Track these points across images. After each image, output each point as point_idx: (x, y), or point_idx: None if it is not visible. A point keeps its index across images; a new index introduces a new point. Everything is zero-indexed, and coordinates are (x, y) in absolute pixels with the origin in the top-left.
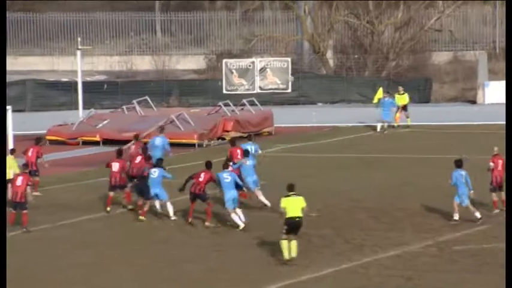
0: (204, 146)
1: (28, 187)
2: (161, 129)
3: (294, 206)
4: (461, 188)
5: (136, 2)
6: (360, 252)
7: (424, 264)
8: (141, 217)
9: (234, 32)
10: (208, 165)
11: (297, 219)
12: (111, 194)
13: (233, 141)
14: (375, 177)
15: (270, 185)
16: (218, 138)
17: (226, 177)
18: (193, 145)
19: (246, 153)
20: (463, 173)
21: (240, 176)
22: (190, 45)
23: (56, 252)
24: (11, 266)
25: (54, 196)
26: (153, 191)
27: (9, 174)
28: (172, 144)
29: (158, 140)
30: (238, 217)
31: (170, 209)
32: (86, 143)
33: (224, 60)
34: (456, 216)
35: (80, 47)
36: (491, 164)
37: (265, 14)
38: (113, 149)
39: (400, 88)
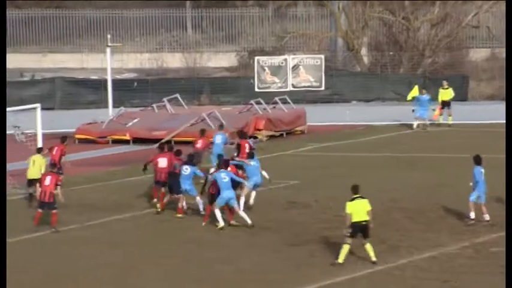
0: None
1: (58, 187)
2: (220, 126)
3: (359, 209)
4: (481, 186)
5: None
6: (395, 253)
7: (460, 266)
8: (178, 215)
9: (266, 29)
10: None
11: (363, 222)
12: (157, 188)
13: (242, 133)
14: (412, 177)
15: (301, 185)
16: (250, 137)
17: (224, 177)
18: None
19: (250, 154)
20: (483, 170)
21: (237, 175)
22: (221, 42)
23: (85, 252)
24: (40, 267)
25: (82, 196)
26: (184, 187)
27: (38, 174)
28: None
29: (218, 138)
30: (221, 216)
31: (200, 205)
32: (116, 142)
33: (256, 58)
34: (472, 215)
35: (109, 44)
36: None
37: (298, 11)
38: (142, 147)
39: (445, 82)
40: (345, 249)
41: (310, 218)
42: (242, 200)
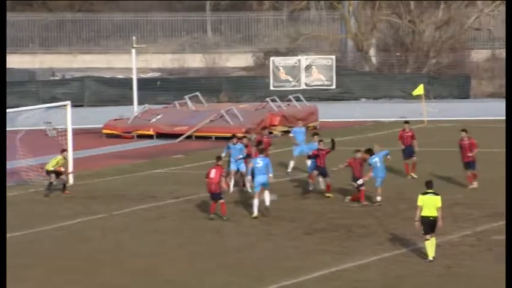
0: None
1: (222, 178)
2: (300, 120)
3: (430, 204)
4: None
5: (189, 2)
6: (401, 242)
7: (462, 253)
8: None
9: (280, 31)
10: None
11: (431, 218)
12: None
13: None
14: (418, 169)
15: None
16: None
17: (259, 162)
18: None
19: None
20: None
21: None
22: (239, 43)
23: (113, 240)
24: (79, 255)
25: (110, 186)
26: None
27: (51, 167)
28: (221, 138)
29: (299, 129)
30: (257, 205)
31: (267, 197)
32: (140, 137)
33: (271, 58)
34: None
35: (135, 46)
36: None
37: (311, 14)
38: (165, 142)
39: None
40: (428, 245)
41: (323, 208)
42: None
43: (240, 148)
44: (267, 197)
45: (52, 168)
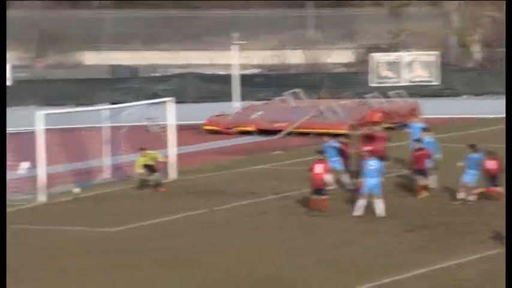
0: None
1: (327, 173)
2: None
3: None
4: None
5: None
6: (503, 240)
7: None
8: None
9: (382, 26)
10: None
11: None
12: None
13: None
14: None
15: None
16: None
17: (372, 164)
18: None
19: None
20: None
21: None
22: (339, 40)
23: (214, 236)
24: (179, 250)
25: (211, 182)
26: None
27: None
28: (321, 134)
29: (417, 125)
30: (362, 206)
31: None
32: (241, 133)
33: (372, 54)
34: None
35: (236, 42)
36: None
37: (412, 10)
38: (265, 138)
39: None
40: None
41: (426, 205)
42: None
43: (333, 147)
44: (379, 204)
45: (146, 164)
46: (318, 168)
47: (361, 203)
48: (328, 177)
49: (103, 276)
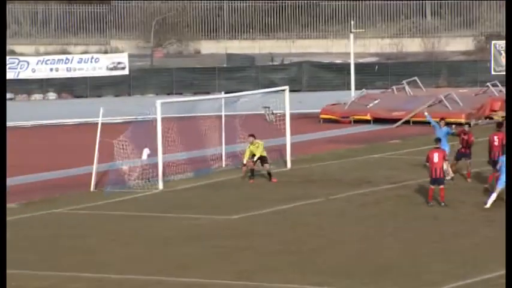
0: (472, 125)
1: (445, 162)
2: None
3: None
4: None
5: None
6: None
7: None
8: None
9: (503, 14)
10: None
11: None
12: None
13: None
14: None
15: None
16: (486, 118)
17: (503, 160)
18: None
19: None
20: None
21: None
22: (459, 27)
23: (331, 224)
24: (295, 238)
25: (327, 171)
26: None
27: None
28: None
29: None
30: (493, 199)
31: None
32: (357, 122)
33: (493, 42)
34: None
35: (353, 31)
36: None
37: None
38: (382, 127)
39: None
40: None
41: None
42: None
43: (445, 132)
44: (494, 195)
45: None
46: (436, 157)
47: (494, 196)
48: (445, 166)
49: (230, 261)
